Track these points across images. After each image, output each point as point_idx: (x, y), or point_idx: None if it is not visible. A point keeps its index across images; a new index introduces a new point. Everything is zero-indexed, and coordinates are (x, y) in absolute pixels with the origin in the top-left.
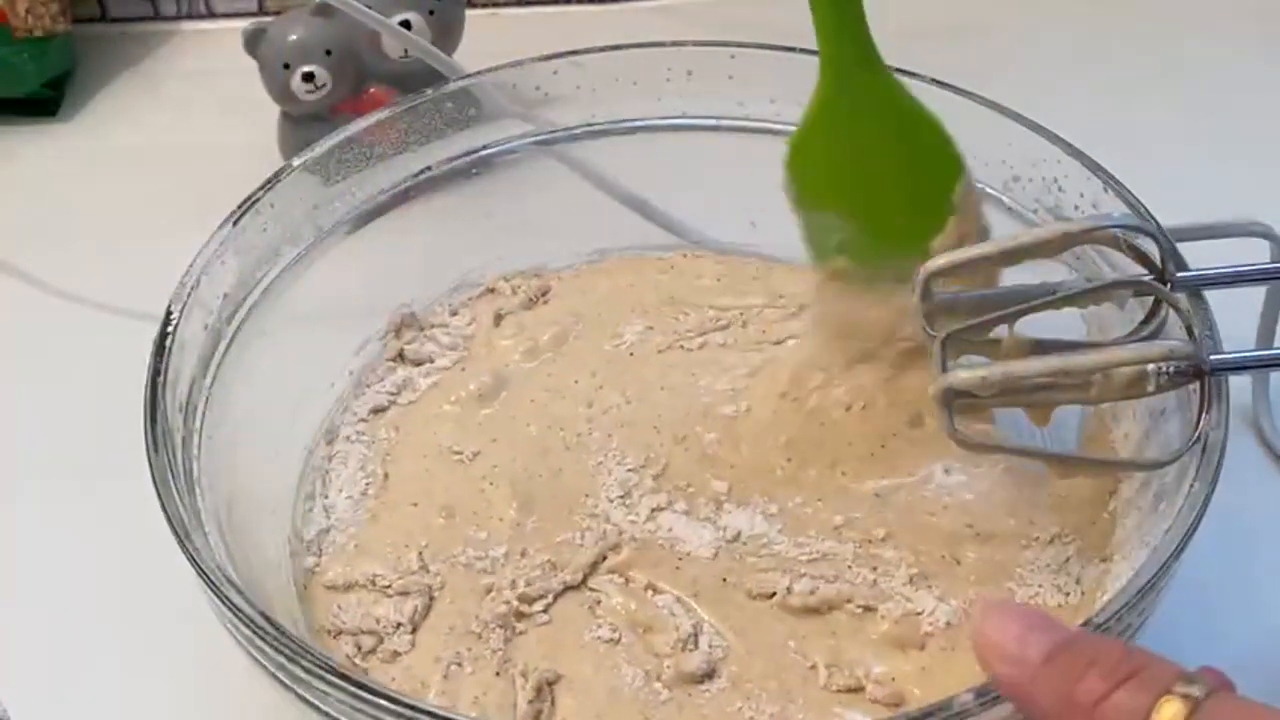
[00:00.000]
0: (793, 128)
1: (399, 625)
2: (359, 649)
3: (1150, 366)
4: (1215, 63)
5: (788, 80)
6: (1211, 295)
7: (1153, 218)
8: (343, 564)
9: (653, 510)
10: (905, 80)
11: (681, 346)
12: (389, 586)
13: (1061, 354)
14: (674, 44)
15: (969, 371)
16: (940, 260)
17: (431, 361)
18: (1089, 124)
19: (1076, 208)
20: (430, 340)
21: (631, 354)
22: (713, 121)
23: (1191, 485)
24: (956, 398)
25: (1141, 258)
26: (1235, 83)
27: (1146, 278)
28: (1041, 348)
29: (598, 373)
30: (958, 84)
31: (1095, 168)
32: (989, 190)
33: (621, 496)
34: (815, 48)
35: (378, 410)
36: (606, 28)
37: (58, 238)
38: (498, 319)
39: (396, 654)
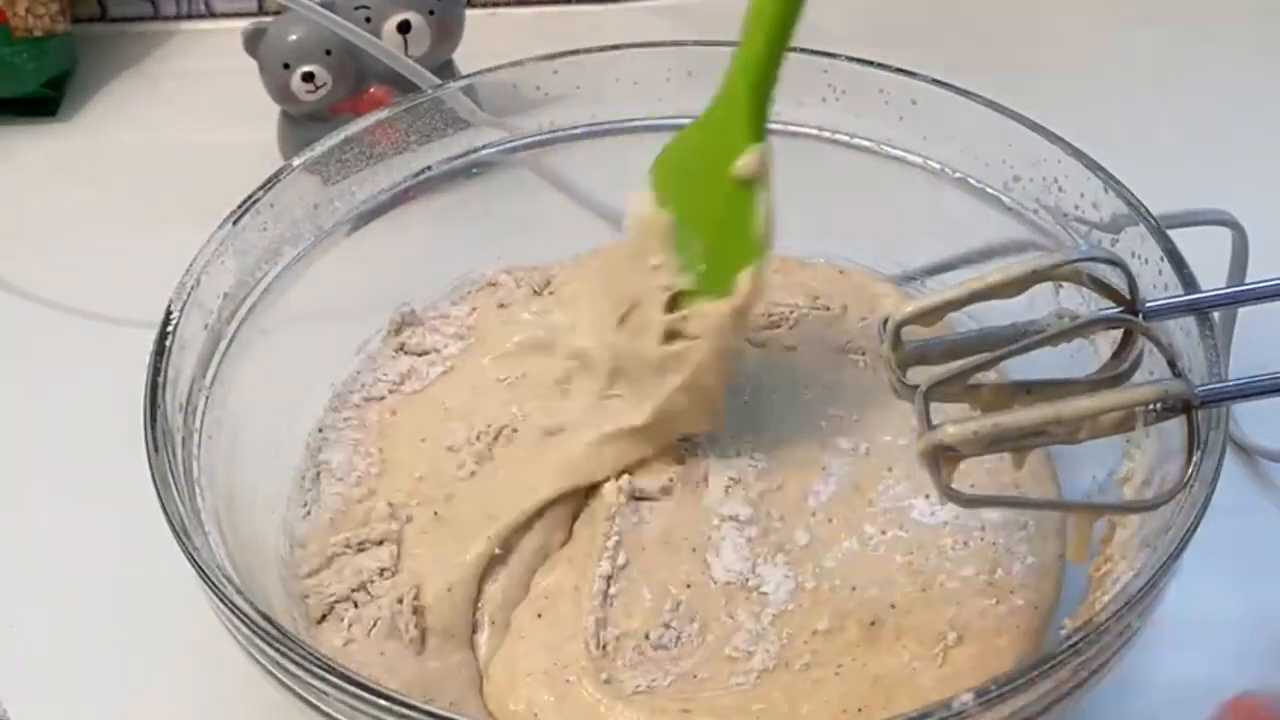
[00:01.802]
0: (791, 127)
1: (382, 571)
2: (349, 625)
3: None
4: (1215, 62)
5: (786, 79)
6: None
7: (1152, 216)
8: (318, 541)
9: None
10: (904, 80)
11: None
12: (363, 542)
13: (1051, 402)
14: (674, 44)
15: (958, 427)
16: (909, 309)
17: (438, 351)
18: (1089, 124)
19: (1077, 207)
20: (433, 332)
21: None
22: None
23: (1190, 486)
24: (944, 452)
25: (1111, 292)
26: (1235, 82)
27: (1120, 312)
28: (1022, 389)
29: None
30: (958, 84)
31: (1095, 168)
32: (989, 190)
33: None
34: (799, 44)
35: (372, 399)
36: (606, 28)
37: (57, 237)
38: (501, 308)
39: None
